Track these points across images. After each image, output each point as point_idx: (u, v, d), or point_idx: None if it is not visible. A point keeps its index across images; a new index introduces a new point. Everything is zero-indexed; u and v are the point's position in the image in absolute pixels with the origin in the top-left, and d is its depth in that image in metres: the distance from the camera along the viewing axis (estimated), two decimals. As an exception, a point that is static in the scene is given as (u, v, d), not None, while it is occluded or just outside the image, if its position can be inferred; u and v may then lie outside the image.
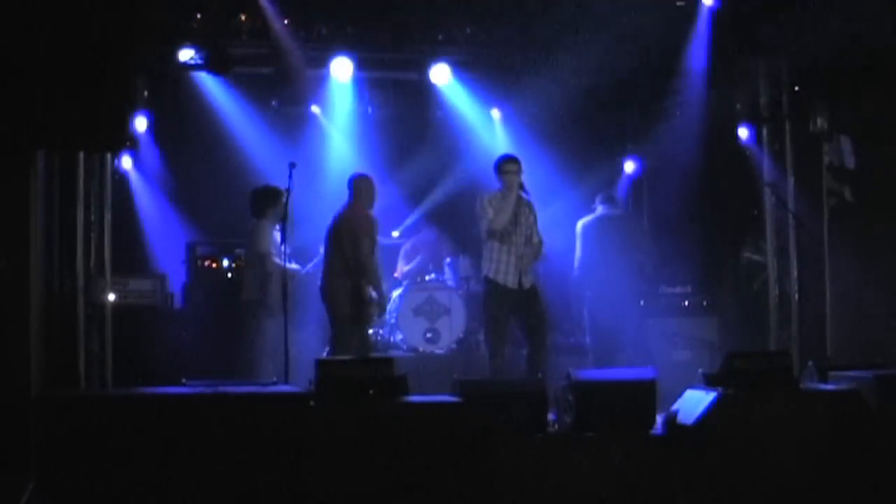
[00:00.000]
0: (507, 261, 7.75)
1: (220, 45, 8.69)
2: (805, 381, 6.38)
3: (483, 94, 10.71)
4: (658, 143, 10.95)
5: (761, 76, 9.90)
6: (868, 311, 8.68)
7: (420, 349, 9.76)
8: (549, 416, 6.15)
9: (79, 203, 8.18)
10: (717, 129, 10.26)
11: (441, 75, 10.06)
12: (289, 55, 9.36)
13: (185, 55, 8.81)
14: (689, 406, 5.92)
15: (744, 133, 10.22)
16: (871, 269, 8.66)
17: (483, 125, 11.10)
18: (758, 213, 10.16)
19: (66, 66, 5.18)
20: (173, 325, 9.30)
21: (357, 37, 9.47)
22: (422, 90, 10.55)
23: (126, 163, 10.22)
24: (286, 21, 9.11)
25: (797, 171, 9.52)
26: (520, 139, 10.68)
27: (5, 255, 5.40)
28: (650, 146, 11.22)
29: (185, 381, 5.78)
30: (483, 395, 5.84)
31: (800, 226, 9.16)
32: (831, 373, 6.33)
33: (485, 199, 7.81)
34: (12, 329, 5.39)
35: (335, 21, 9.39)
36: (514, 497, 5.56)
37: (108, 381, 8.57)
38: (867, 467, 5.80)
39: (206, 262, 9.90)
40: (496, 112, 11.18)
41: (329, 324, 8.28)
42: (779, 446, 5.75)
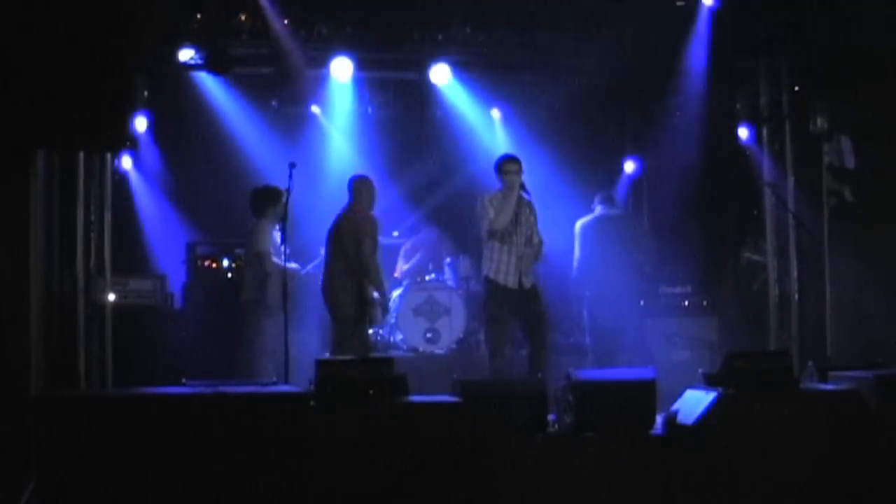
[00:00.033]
0: (507, 261, 7.74)
1: (220, 45, 8.68)
2: (805, 381, 6.38)
3: (483, 94, 10.70)
4: (658, 143, 10.95)
5: (761, 76, 9.91)
6: (868, 311, 8.68)
7: (420, 349, 9.76)
8: (549, 417, 6.15)
9: (79, 203, 8.18)
10: (717, 129, 10.27)
11: (441, 75, 10.04)
12: (289, 55, 9.35)
13: (185, 55, 8.80)
14: (689, 406, 5.92)
15: (744, 133, 10.23)
16: (871, 269, 8.66)
17: (483, 125, 11.09)
18: (758, 213, 10.17)
19: (66, 66, 5.18)
20: (173, 325, 9.29)
21: (357, 37, 9.46)
22: (422, 90, 10.55)
23: (126, 163, 10.21)
24: (286, 21, 9.11)
25: (797, 171, 9.52)
26: (520, 139, 10.67)
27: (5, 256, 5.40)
28: (650, 146, 11.22)
29: (185, 381, 5.78)
30: (483, 395, 5.84)
31: (800, 226, 9.16)
32: (831, 373, 6.33)
33: (485, 199, 7.80)
34: (12, 329, 5.38)
35: (335, 21, 9.38)
36: (514, 497, 5.55)
37: (108, 381, 8.56)
38: (867, 467, 5.80)
39: (206, 262, 9.90)
40: (496, 112, 11.17)
41: (331, 324, 8.29)
42: (779, 446, 5.75)
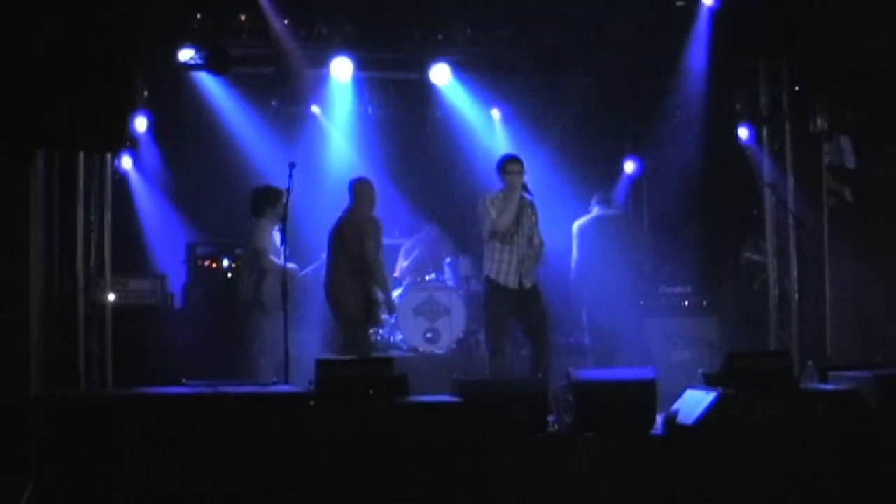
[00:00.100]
0: (508, 261, 7.73)
1: (220, 45, 8.67)
2: (805, 381, 6.38)
3: (483, 94, 10.69)
4: (658, 143, 10.94)
5: (761, 76, 9.90)
6: (868, 311, 8.68)
7: (420, 349, 9.75)
8: (550, 417, 6.15)
9: (79, 203, 8.18)
10: (717, 129, 10.27)
11: (441, 75, 10.04)
12: (289, 55, 9.36)
13: (185, 55, 8.79)
14: (689, 406, 5.92)
15: (744, 133, 10.22)
16: (871, 269, 8.67)
17: (483, 125, 11.08)
18: (758, 213, 10.16)
19: (66, 66, 5.18)
20: (173, 325, 9.28)
21: (357, 37, 9.46)
22: (422, 90, 10.53)
23: (126, 163, 10.20)
24: (286, 21, 9.11)
25: (797, 171, 9.52)
26: (520, 139, 10.66)
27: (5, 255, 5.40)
28: (650, 146, 11.21)
29: (185, 381, 5.78)
30: (483, 395, 5.84)
31: (800, 226, 9.16)
32: (831, 373, 6.33)
33: (487, 200, 7.79)
34: (12, 329, 5.38)
35: (335, 21, 9.38)
36: (514, 497, 5.56)
37: (108, 381, 8.56)
38: (867, 467, 5.81)
39: (206, 262, 9.89)
40: (496, 112, 11.16)
41: (337, 326, 8.32)
42: (779, 446, 5.76)
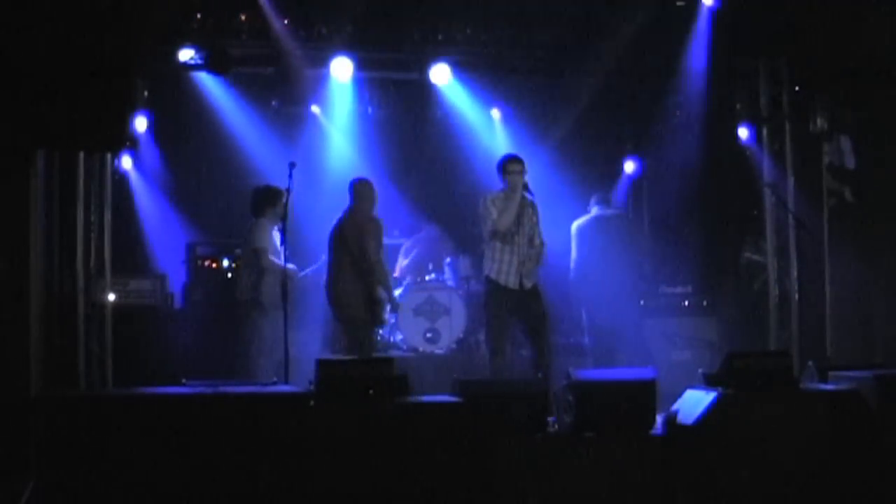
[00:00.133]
0: (508, 261, 7.72)
1: (220, 45, 8.67)
2: (805, 381, 6.38)
3: (483, 94, 10.69)
4: (658, 143, 10.95)
5: (761, 76, 9.90)
6: (868, 311, 8.68)
7: (420, 349, 9.75)
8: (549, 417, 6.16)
9: (79, 203, 8.18)
10: (717, 129, 10.27)
11: (441, 75, 10.03)
12: (289, 55, 9.35)
13: (185, 55, 8.78)
14: (689, 406, 5.92)
15: (744, 133, 10.22)
16: (871, 268, 8.67)
17: (483, 125, 11.07)
18: (758, 213, 10.16)
19: (66, 67, 5.18)
20: (173, 325, 9.28)
21: (357, 37, 9.45)
22: (422, 90, 10.53)
23: (126, 163, 10.20)
24: (286, 21, 9.10)
25: (797, 171, 9.52)
26: (520, 139, 10.66)
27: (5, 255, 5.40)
28: (650, 146, 11.21)
29: (185, 381, 5.78)
30: (483, 395, 5.84)
31: (800, 226, 9.15)
32: (831, 373, 6.33)
33: (488, 200, 7.77)
34: (12, 329, 5.38)
35: (335, 21, 9.37)
36: (514, 497, 5.56)
37: (108, 381, 8.56)
38: (867, 467, 5.81)
39: (206, 262, 9.89)
40: (496, 112, 11.16)
41: (340, 327, 8.32)
42: (779, 446, 5.76)
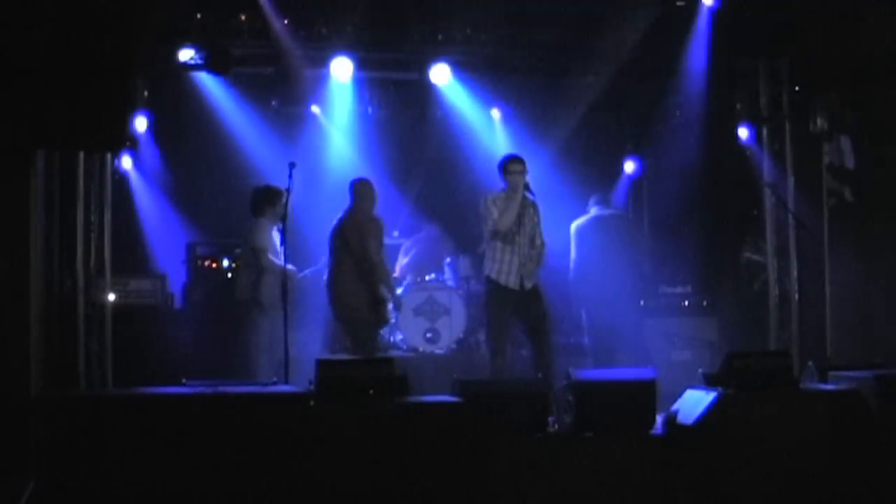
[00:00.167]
0: (509, 261, 7.71)
1: (220, 45, 8.68)
2: (805, 381, 6.38)
3: (483, 94, 10.69)
4: (658, 143, 10.95)
5: (761, 76, 9.90)
6: (868, 311, 8.68)
7: (420, 349, 9.75)
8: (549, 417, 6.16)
9: (79, 203, 8.18)
10: (717, 129, 10.27)
11: (441, 75, 10.03)
12: (289, 55, 9.35)
13: (185, 55, 8.79)
14: (689, 406, 5.92)
15: (744, 133, 10.22)
16: (871, 268, 8.66)
17: (483, 125, 11.08)
18: (758, 213, 10.17)
19: (66, 66, 5.18)
20: (173, 325, 9.29)
21: (357, 37, 9.45)
22: (422, 90, 10.53)
23: (126, 163, 10.21)
24: (286, 21, 9.10)
25: (797, 171, 9.52)
26: (520, 139, 10.66)
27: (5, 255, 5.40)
28: (650, 146, 11.22)
29: (185, 381, 5.78)
30: (483, 395, 5.84)
31: (800, 226, 9.16)
32: (831, 373, 6.33)
33: (489, 200, 7.76)
34: (12, 329, 5.38)
35: (335, 21, 9.37)
36: (515, 497, 5.56)
37: (108, 381, 8.56)
38: (867, 467, 5.80)
39: (206, 262, 9.90)
40: (496, 112, 11.16)
41: (343, 328, 8.32)
42: (779, 446, 5.75)
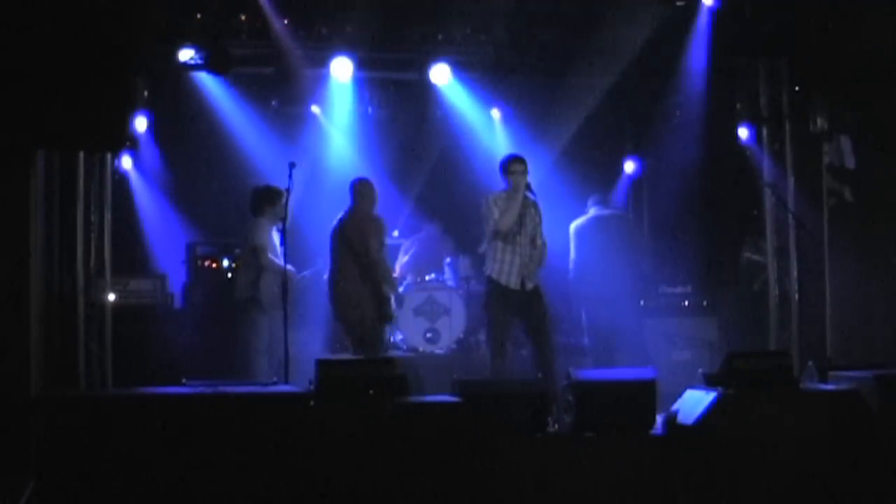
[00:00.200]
0: (510, 261, 7.71)
1: (220, 45, 8.68)
2: (805, 381, 6.38)
3: (483, 94, 10.69)
4: (658, 143, 10.95)
5: (761, 76, 9.90)
6: (868, 311, 8.68)
7: (420, 349, 9.76)
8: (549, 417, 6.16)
9: (79, 203, 8.18)
10: (717, 129, 10.27)
11: (441, 75, 10.03)
12: (289, 55, 9.35)
13: (185, 55, 8.79)
14: (689, 406, 5.92)
15: (744, 133, 10.22)
16: (871, 268, 8.66)
17: (483, 125, 11.08)
18: (758, 213, 10.17)
19: (66, 66, 5.18)
20: (173, 325, 9.29)
21: (357, 37, 9.45)
22: (422, 90, 10.53)
23: (126, 163, 10.22)
24: (286, 21, 9.10)
25: (797, 171, 9.52)
26: (520, 139, 10.66)
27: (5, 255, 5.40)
28: (650, 146, 11.22)
29: (185, 381, 5.78)
30: (483, 395, 5.84)
31: (800, 226, 9.16)
32: (831, 373, 6.33)
33: (490, 199, 7.75)
34: (12, 329, 5.38)
35: (335, 21, 9.37)
36: (515, 497, 5.55)
37: (108, 381, 8.57)
38: (867, 467, 5.80)
39: (206, 262, 9.90)
40: (496, 112, 11.16)
41: (346, 328, 8.32)
42: (779, 446, 5.75)
